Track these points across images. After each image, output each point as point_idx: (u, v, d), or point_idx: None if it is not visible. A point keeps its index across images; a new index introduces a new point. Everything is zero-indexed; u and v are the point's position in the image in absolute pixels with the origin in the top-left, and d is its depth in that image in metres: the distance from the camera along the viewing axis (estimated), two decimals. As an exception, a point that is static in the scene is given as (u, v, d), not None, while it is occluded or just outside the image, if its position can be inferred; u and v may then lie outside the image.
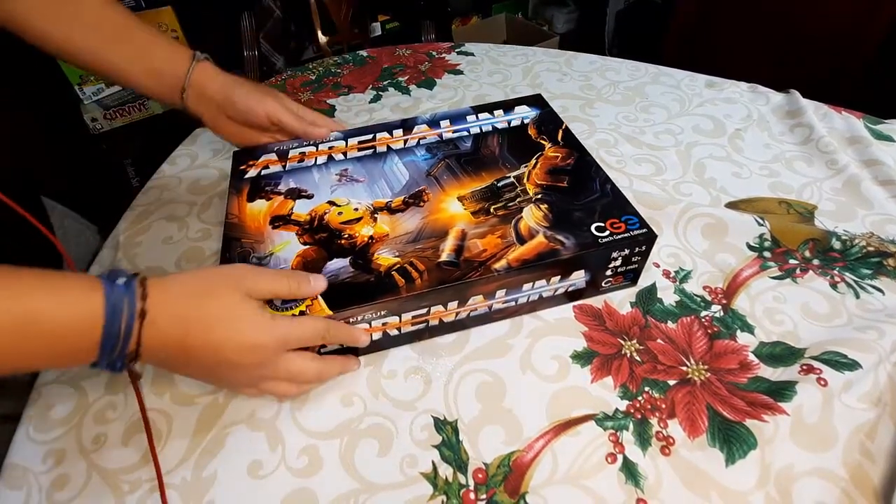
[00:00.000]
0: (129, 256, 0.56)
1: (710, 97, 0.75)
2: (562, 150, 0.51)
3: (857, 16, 1.30)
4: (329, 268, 0.41)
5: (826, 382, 0.39)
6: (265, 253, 0.43)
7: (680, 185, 0.60)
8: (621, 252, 0.43)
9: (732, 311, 0.46)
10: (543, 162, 0.50)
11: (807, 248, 0.51)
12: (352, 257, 0.42)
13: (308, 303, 0.39)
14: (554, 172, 0.48)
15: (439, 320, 0.43)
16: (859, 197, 0.57)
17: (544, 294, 0.45)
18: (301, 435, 0.40)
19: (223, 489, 0.37)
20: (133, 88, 0.53)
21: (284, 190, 0.49)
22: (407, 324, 0.42)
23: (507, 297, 0.44)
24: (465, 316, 0.44)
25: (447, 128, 0.55)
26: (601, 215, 0.44)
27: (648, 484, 0.36)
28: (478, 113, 0.57)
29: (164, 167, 0.70)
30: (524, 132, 0.54)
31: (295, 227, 0.45)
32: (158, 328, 0.32)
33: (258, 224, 0.45)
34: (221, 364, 0.35)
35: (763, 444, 0.37)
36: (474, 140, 0.53)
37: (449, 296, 0.41)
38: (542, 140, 0.52)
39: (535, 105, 0.57)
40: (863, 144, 0.63)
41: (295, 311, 0.38)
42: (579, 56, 0.87)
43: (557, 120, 0.55)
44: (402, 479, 0.37)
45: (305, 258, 0.42)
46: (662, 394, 0.41)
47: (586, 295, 0.47)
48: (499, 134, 0.54)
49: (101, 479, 0.38)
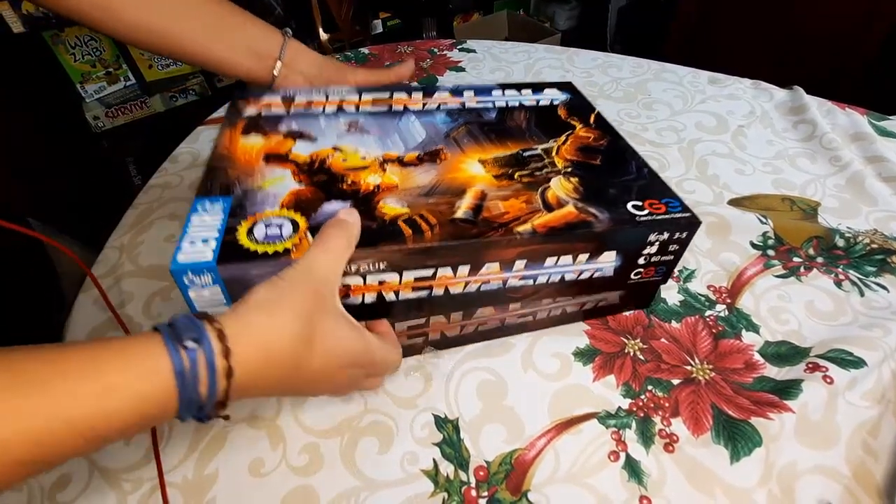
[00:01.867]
0: (132, 256, 0.56)
1: (712, 94, 0.74)
2: (594, 132, 0.47)
3: (859, 15, 1.30)
4: (325, 209, 0.35)
5: (832, 380, 0.39)
6: (253, 186, 0.37)
7: (683, 183, 0.60)
8: (660, 235, 0.38)
9: (737, 311, 0.46)
10: (574, 140, 0.45)
11: (811, 245, 0.51)
12: (352, 201, 0.36)
13: (295, 241, 0.32)
14: (586, 150, 0.44)
15: (445, 289, 0.37)
16: (863, 194, 0.56)
17: (567, 276, 0.39)
18: (302, 433, 0.40)
19: (224, 487, 0.37)
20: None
21: (285, 130, 0.43)
22: (408, 287, 0.36)
23: (526, 273, 0.37)
24: (474, 290, 0.37)
25: (471, 98, 0.50)
26: (638, 195, 0.39)
27: (651, 481, 0.36)
28: (504, 89, 0.53)
29: (166, 165, 0.70)
30: (553, 112, 0.50)
31: (292, 166, 0.39)
32: (248, 374, 0.27)
33: (250, 158, 0.40)
34: (321, 383, 0.33)
35: (768, 441, 0.37)
36: (499, 112, 0.49)
37: (462, 255, 0.35)
38: (572, 121, 0.48)
39: (566, 90, 0.54)
40: (867, 141, 0.62)
41: (279, 247, 0.32)
42: (581, 53, 0.87)
43: (589, 105, 0.51)
44: (402, 476, 0.37)
45: (300, 197, 0.36)
46: (666, 393, 0.41)
47: (609, 289, 0.42)
48: (526, 110, 0.50)
49: (103, 479, 0.38)
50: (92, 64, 1.27)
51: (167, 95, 1.34)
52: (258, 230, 0.33)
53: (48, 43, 1.19)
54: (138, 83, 1.36)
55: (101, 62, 1.29)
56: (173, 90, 1.35)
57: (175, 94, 1.36)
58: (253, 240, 0.32)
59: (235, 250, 0.31)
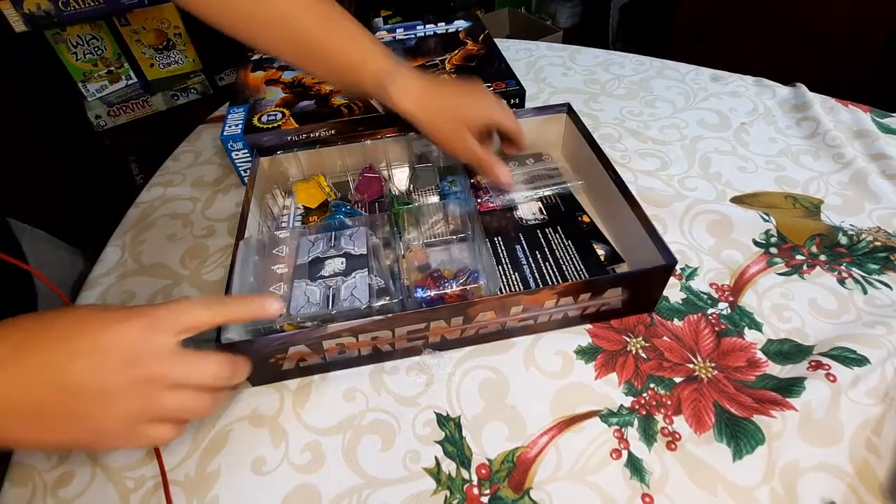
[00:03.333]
0: (135, 254, 0.57)
1: (715, 91, 0.74)
2: (479, 45, 0.73)
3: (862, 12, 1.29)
4: (299, 105, 0.62)
5: (835, 378, 0.39)
6: (260, 97, 0.64)
7: (685, 180, 0.60)
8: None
9: (740, 309, 0.46)
10: (463, 52, 0.72)
11: (813, 243, 0.51)
12: (316, 100, 0.63)
13: (282, 122, 0.57)
14: (468, 58, 0.71)
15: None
16: (866, 191, 0.56)
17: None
18: (304, 431, 0.40)
19: (226, 485, 0.37)
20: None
21: (277, 65, 0.71)
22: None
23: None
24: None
25: (401, 32, 0.79)
26: (491, 79, 0.64)
27: (654, 479, 0.36)
28: (425, 24, 0.79)
29: (168, 164, 0.70)
30: (455, 35, 0.76)
31: (281, 85, 0.67)
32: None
33: (257, 83, 0.68)
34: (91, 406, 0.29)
35: (771, 439, 0.37)
36: (418, 39, 0.77)
37: (378, 123, 0.58)
38: (467, 41, 0.74)
39: (470, 19, 0.80)
40: (870, 138, 0.62)
41: (274, 125, 0.49)
42: (583, 50, 0.87)
43: (483, 28, 0.77)
44: (405, 474, 0.37)
45: (285, 100, 0.63)
46: (668, 391, 0.41)
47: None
48: (437, 36, 0.77)
49: (106, 477, 0.38)
50: (93, 63, 1.27)
51: (168, 94, 1.34)
52: (264, 118, 0.60)
53: (50, 42, 1.19)
54: (140, 82, 1.36)
55: (103, 61, 1.28)
56: (175, 89, 1.34)
57: (176, 93, 1.35)
58: (262, 122, 0.59)
59: (253, 128, 0.59)
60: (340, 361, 0.43)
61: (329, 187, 0.58)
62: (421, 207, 0.52)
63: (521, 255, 0.50)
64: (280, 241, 0.48)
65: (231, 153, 0.59)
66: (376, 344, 0.41)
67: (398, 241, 0.48)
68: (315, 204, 0.56)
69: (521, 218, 0.54)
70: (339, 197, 0.58)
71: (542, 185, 0.57)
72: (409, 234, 0.49)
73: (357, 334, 0.39)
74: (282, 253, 0.47)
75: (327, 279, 0.44)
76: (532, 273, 0.48)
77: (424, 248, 0.48)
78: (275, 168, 0.57)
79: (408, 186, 0.58)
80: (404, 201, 0.54)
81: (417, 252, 0.48)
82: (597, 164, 0.51)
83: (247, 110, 0.62)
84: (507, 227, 0.53)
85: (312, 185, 0.57)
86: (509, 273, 0.48)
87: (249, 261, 0.45)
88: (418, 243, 0.49)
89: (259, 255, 0.46)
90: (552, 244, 0.51)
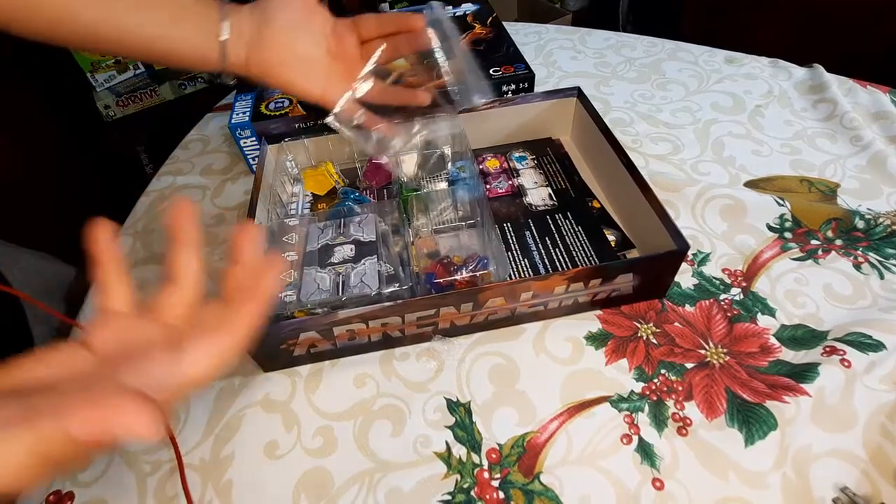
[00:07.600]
0: (146, 243, 0.57)
1: (729, 73, 0.72)
2: (487, 28, 0.72)
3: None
4: None
5: (850, 364, 0.38)
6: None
7: (698, 165, 0.59)
8: (509, 86, 0.61)
9: (753, 294, 0.45)
10: (472, 35, 0.71)
11: (829, 227, 0.50)
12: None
13: (288, 109, 0.59)
14: (476, 41, 0.69)
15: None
16: (884, 174, 0.55)
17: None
18: (316, 416, 0.41)
19: (241, 469, 0.38)
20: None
21: None
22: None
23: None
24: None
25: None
26: (500, 63, 0.63)
27: (665, 464, 0.36)
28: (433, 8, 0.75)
29: (177, 152, 0.70)
30: (464, 19, 0.75)
31: None
32: None
33: None
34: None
35: (783, 425, 0.36)
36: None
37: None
38: (475, 24, 0.74)
39: (478, 3, 0.79)
40: (889, 120, 0.60)
41: (280, 112, 0.52)
42: (594, 33, 0.85)
43: (491, 11, 0.77)
44: (415, 458, 0.38)
45: None
46: (679, 376, 0.40)
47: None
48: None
49: (123, 461, 0.39)
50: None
51: (176, 83, 1.35)
52: (271, 105, 0.60)
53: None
54: (147, 71, 1.36)
55: (111, 50, 1.29)
56: (182, 78, 1.35)
57: (184, 82, 1.36)
58: (269, 110, 0.59)
59: (260, 115, 0.59)
60: (351, 347, 0.43)
61: (337, 174, 0.57)
62: (430, 194, 0.52)
63: (530, 241, 0.50)
64: (290, 228, 0.48)
65: (239, 141, 0.59)
66: (386, 330, 0.41)
67: (407, 228, 0.48)
68: (324, 191, 0.56)
69: (531, 204, 0.53)
70: (347, 184, 0.58)
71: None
72: (418, 220, 0.49)
73: (367, 321, 0.40)
74: (291, 241, 0.47)
75: (337, 266, 0.44)
76: (542, 259, 0.48)
77: (434, 236, 0.48)
78: (282, 155, 0.57)
79: (416, 172, 0.57)
80: (413, 188, 0.54)
81: (426, 240, 0.48)
82: (608, 148, 0.51)
83: (254, 98, 0.62)
84: (517, 213, 0.53)
85: (321, 172, 0.57)
86: (519, 259, 0.48)
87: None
88: (427, 230, 0.48)
89: (269, 243, 0.46)
90: (562, 230, 0.50)
